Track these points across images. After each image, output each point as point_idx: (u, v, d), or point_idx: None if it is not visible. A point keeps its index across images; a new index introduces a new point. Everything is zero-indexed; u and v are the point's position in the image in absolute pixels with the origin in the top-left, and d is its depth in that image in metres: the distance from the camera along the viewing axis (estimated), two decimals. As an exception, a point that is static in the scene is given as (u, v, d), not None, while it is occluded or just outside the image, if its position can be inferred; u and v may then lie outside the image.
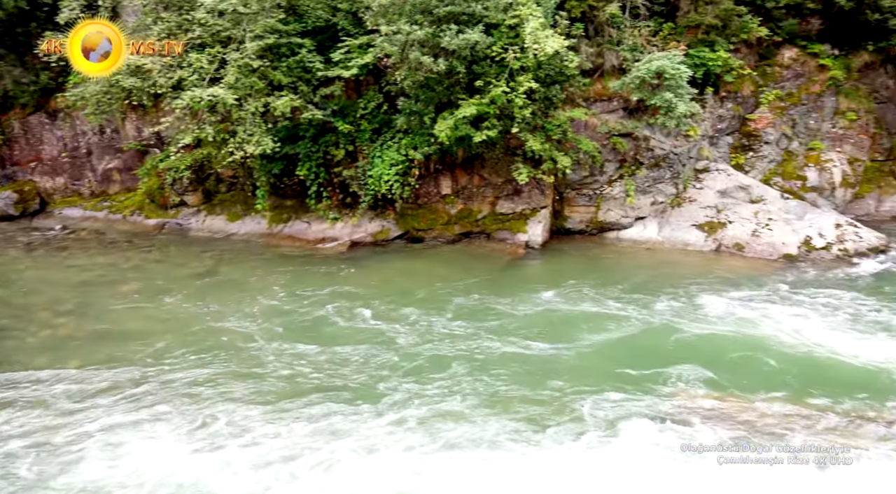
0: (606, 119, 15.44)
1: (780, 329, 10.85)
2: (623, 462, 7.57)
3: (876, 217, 17.25)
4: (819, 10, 17.25)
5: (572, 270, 14.27)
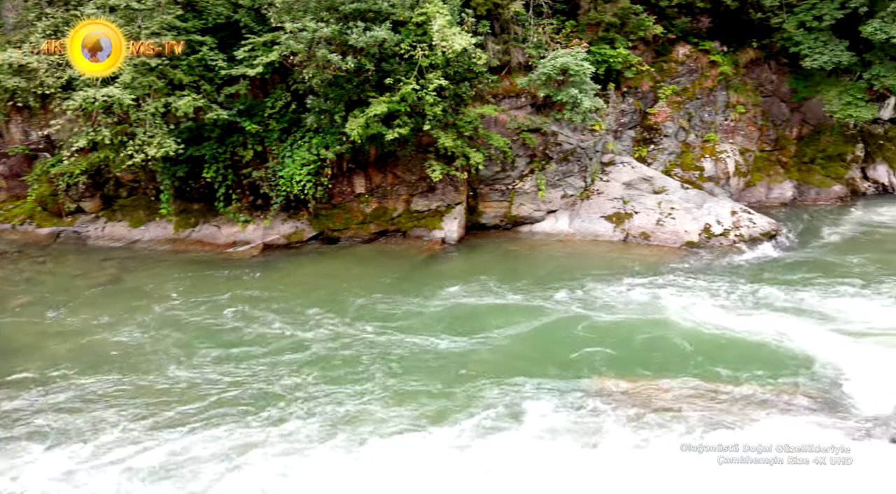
0: (515, 115, 15.73)
1: (684, 312, 11.38)
2: (533, 449, 7.69)
3: (766, 203, 18.44)
4: (708, 9, 18.25)
5: (488, 264, 14.48)
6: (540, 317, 11.42)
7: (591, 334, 10.75)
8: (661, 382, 9.05)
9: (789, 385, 8.89)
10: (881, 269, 13.22)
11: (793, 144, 19.57)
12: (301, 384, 9.31)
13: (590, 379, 9.22)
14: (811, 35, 17.28)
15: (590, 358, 9.88)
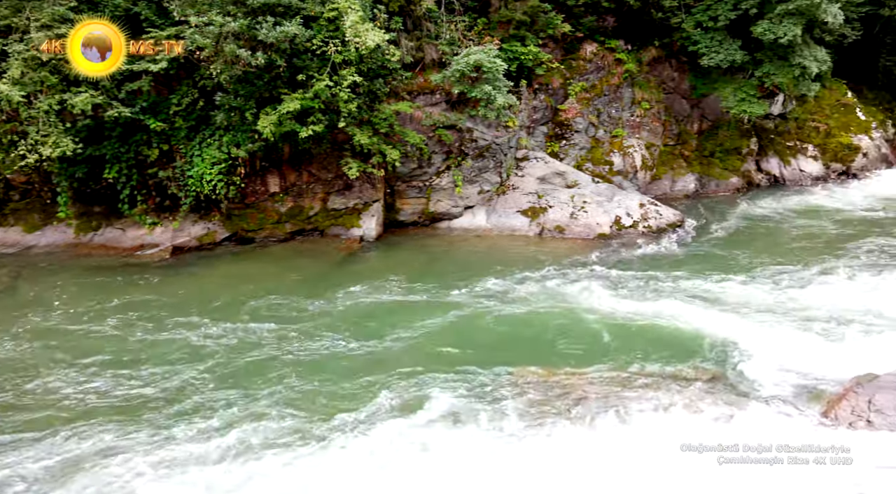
0: (431, 112, 15.77)
1: (597, 302, 11.74)
2: (442, 442, 7.65)
3: (671, 195, 19.32)
4: (612, 8, 18.93)
5: (406, 261, 14.47)
6: (457, 312, 11.46)
7: (507, 327, 10.91)
8: (576, 371, 9.29)
9: (698, 368, 9.32)
10: (775, 255, 14.11)
11: (694, 139, 20.60)
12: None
13: (506, 371, 9.30)
14: (708, 35, 18.24)
15: (506, 350, 10.01)
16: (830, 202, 18.61)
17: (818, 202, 18.64)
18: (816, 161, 21.28)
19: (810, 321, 10.52)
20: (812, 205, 18.29)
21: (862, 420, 7.48)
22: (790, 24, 16.65)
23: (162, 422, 8.16)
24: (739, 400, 8.30)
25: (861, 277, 12.37)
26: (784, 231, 16.13)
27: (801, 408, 8.08)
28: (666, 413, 8.05)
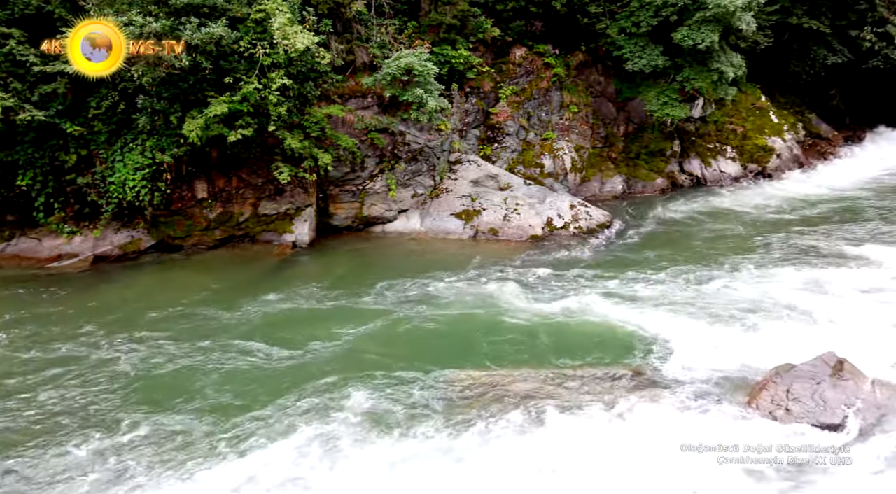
0: (363, 115, 15.67)
1: (531, 303, 11.92)
2: (370, 454, 7.58)
3: (600, 197, 19.83)
4: (540, 13, 19.28)
5: (340, 266, 14.33)
6: (389, 317, 11.41)
7: (439, 330, 10.92)
8: (508, 372, 9.39)
9: (625, 364, 9.58)
10: (696, 253, 14.67)
11: (621, 141, 21.21)
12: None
13: (437, 373, 9.30)
14: (631, 40, 18.82)
15: (438, 353, 10.02)
16: (747, 201, 19.48)
17: (736, 201, 19.49)
18: (735, 162, 22.27)
19: (731, 314, 10.98)
20: (731, 205, 19.11)
21: (781, 409, 7.86)
22: (708, 30, 17.37)
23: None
24: (665, 394, 8.57)
25: (775, 272, 13.00)
26: (705, 229, 16.79)
27: (725, 399, 8.41)
28: (593, 410, 8.19)
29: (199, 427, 8.10)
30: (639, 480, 6.96)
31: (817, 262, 13.45)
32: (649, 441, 7.50)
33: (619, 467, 7.14)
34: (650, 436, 7.58)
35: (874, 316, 10.70)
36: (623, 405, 8.26)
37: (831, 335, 9.91)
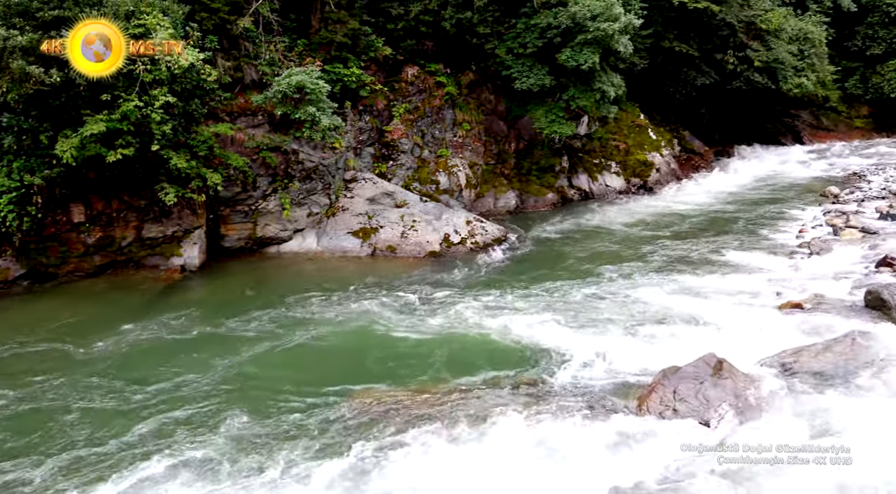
0: (253, 133, 15.28)
1: (429, 319, 11.95)
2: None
3: (494, 212, 20.28)
4: (431, 33, 19.60)
5: (232, 290, 13.84)
6: (282, 339, 11.12)
7: (334, 350, 10.76)
8: (404, 390, 9.36)
9: (522, 375, 9.78)
10: (586, 264, 15.25)
11: (512, 158, 21.82)
12: None
13: (332, 394, 9.14)
14: (519, 61, 19.47)
15: (332, 374, 9.84)
16: (631, 213, 20.54)
17: (621, 214, 20.49)
18: (619, 176, 23.45)
19: (619, 323, 11.48)
20: (616, 217, 20.07)
21: (669, 410, 8.28)
22: (589, 52, 18.27)
23: None
24: (560, 403, 8.80)
25: (658, 280, 13.74)
26: (593, 241, 17.51)
27: (618, 403, 8.76)
28: (489, 424, 8.23)
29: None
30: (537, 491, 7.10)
31: (695, 269, 14.34)
32: (546, 451, 7.67)
33: (519, 480, 7.25)
34: (546, 447, 7.75)
35: (745, 317, 11.52)
36: (518, 417, 8.39)
37: (710, 337, 10.58)
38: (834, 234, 16.82)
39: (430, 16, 19.18)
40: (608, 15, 18.05)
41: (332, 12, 17.45)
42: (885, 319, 10.79)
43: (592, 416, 8.39)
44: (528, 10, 19.57)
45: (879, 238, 15.92)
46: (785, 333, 10.67)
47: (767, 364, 9.51)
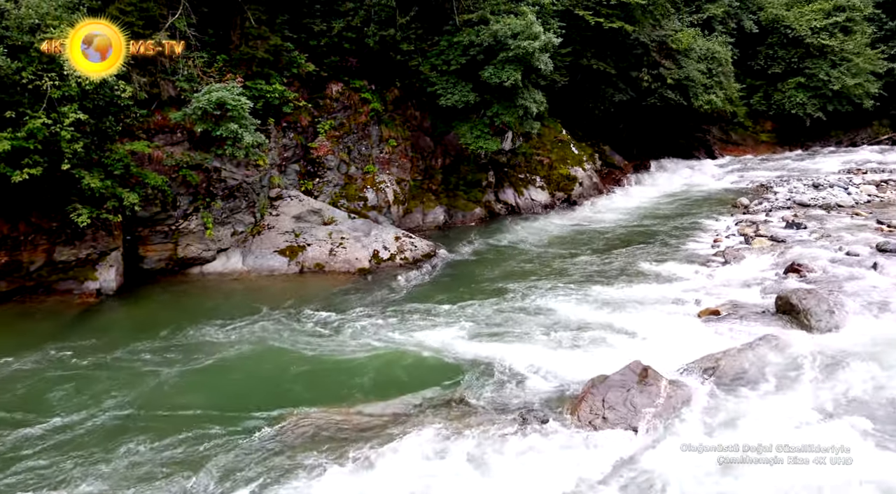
0: (172, 151, 14.79)
1: (359, 337, 11.80)
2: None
3: (423, 227, 20.34)
4: (354, 50, 19.56)
5: (152, 314, 13.29)
6: (204, 364, 10.72)
7: (261, 374, 10.46)
8: (334, 410, 9.21)
9: (455, 390, 9.78)
10: (515, 277, 15.48)
11: (439, 173, 21.97)
12: None
13: (258, 418, 8.91)
14: (443, 78, 19.69)
15: (259, 398, 9.58)
16: (556, 227, 21.02)
17: (547, 227, 20.94)
18: (544, 191, 23.97)
19: (549, 334, 11.67)
20: (542, 231, 20.49)
21: (599, 418, 8.46)
22: (511, 69, 18.67)
23: None
24: (492, 418, 8.85)
25: (584, 291, 14.07)
26: (520, 255, 17.81)
27: (549, 414, 8.88)
28: (420, 443, 8.18)
29: None
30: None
31: (618, 280, 14.76)
32: (477, 466, 7.67)
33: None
34: (478, 462, 7.76)
35: (667, 325, 11.94)
36: (448, 433, 8.37)
37: (635, 345, 10.90)
38: (746, 243, 17.70)
39: (354, 32, 19.15)
40: (528, 33, 18.52)
41: (253, 28, 17.17)
42: (794, 323, 11.40)
43: (524, 428, 8.46)
44: (451, 27, 19.85)
45: (787, 246, 16.87)
46: (704, 339, 11.11)
47: (689, 369, 9.87)
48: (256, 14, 17.31)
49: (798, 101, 34.75)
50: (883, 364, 9.62)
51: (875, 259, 14.61)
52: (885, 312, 11.58)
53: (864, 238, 16.97)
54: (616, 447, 7.92)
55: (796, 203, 22.91)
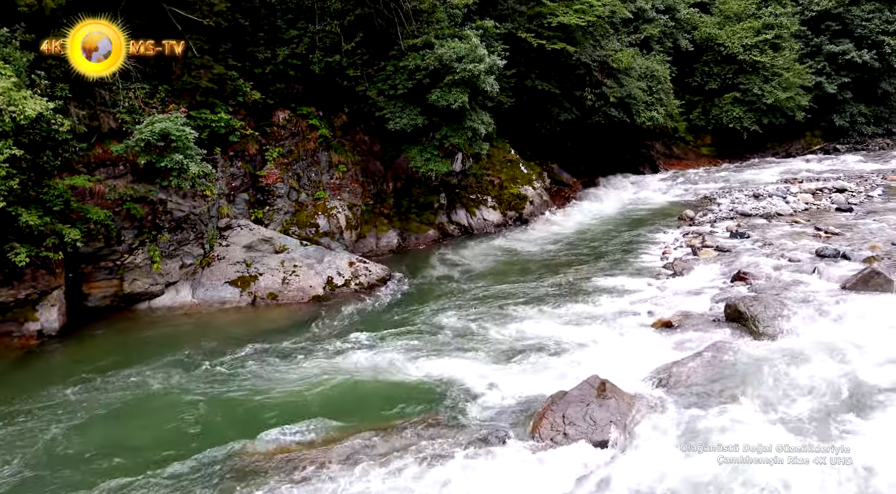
0: (115, 184, 14.40)
1: (315, 366, 11.62)
2: None
3: (377, 252, 20.23)
4: (300, 77, 19.49)
5: (95, 355, 12.73)
6: (152, 404, 10.42)
7: (212, 409, 10.18)
8: (300, 440, 9.03)
9: (419, 413, 9.72)
10: (472, 297, 15.51)
11: (391, 197, 21.94)
12: None
13: (218, 455, 8.69)
14: (391, 102, 19.76)
15: (211, 434, 9.35)
16: (510, 246, 21.17)
17: (500, 247, 21.07)
18: (496, 210, 24.17)
19: (508, 353, 11.72)
20: (496, 250, 20.61)
21: (560, 434, 8.48)
22: (458, 92, 18.87)
23: None
24: (457, 438, 8.80)
25: (541, 308, 14.18)
26: (475, 275, 17.87)
27: (511, 432, 8.86)
28: (380, 466, 8.11)
29: None
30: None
31: (572, 296, 14.94)
32: (442, 489, 7.59)
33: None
34: (442, 484, 7.68)
35: (622, 338, 12.13)
36: (410, 457, 8.28)
37: (592, 359, 11.02)
38: (693, 254, 18.16)
39: (299, 59, 19.10)
40: (473, 56, 18.78)
41: (196, 57, 16.96)
42: (743, 329, 11.71)
43: (486, 449, 8.42)
44: (396, 52, 20.00)
45: (732, 255, 17.38)
46: (659, 350, 11.31)
47: (646, 380, 10.02)
48: (199, 43, 17.12)
49: (735, 115, 36.06)
50: (825, 365, 9.95)
51: (815, 264, 15.16)
52: (826, 315, 12.00)
53: (803, 244, 17.61)
54: (577, 463, 7.95)
55: (739, 213, 23.66)
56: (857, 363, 9.97)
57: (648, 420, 8.80)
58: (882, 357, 10.10)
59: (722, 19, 38.11)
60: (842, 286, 13.41)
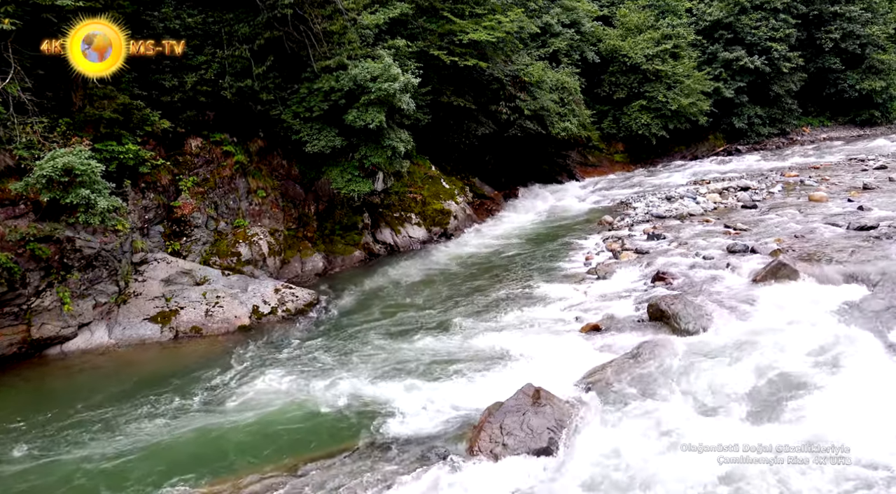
0: (16, 225, 13.56)
1: (244, 397, 11.26)
2: None
3: (303, 276, 19.83)
4: (211, 103, 18.99)
5: (5, 407, 11.90)
6: (63, 461, 9.76)
7: (132, 457, 9.67)
8: (227, 480, 8.71)
9: (354, 439, 9.54)
10: (402, 315, 15.43)
11: (314, 220, 21.61)
12: None
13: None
14: (307, 124, 19.51)
15: (153, 478, 8.92)
16: (437, 261, 21.22)
17: (428, 262, 21.09)
18: (420, 227, 24.20)
19: (441, 368, 11.69)
20: (423, 266, 20.61)
21: (499, 446, 8.49)
22: (374, 111, 18.84)
23: None
24: (393, 461, 8.68)
25: (471, 321, 14.26)
26: (404, 292, 17.80)
27: (450, 448, 8.82)
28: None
29: None
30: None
31: (500, 306, 15.10)
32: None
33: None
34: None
35: (552, 344, 12.32)
36: (349, 484, 8.12)
37: (525, 368, 11.14)
38: (614, 258, 18.71)
39: (209, 85, 18.61)
40: (387, 76, 18.82)
41: (97, 88, 16.22)
42: (666, 328, 12.12)
43: (426, 467, 8.35)
44: (310, 74, 19.80)
45: (650, 256, 18.00)
46: (589, 354, 11.55)
47: (578, 384, 10.19)
48: (100, 73, 16.40)
49: (643, 122, 37.60)
50: (746, 356, 10.41)
51: (727, 260, 15.90)
52: (741, 308, 12.59)
53: (715, 242, 18.45)
54: (519, 473, 7.98)
55: (654, 216, 24.58)
56: (776, 351, 10.48)
57: (583, 424, 8.94)
58: (798, 342, 10.65)
59: (624, 31, 39.79)
60: (753, 279, 14.10)
